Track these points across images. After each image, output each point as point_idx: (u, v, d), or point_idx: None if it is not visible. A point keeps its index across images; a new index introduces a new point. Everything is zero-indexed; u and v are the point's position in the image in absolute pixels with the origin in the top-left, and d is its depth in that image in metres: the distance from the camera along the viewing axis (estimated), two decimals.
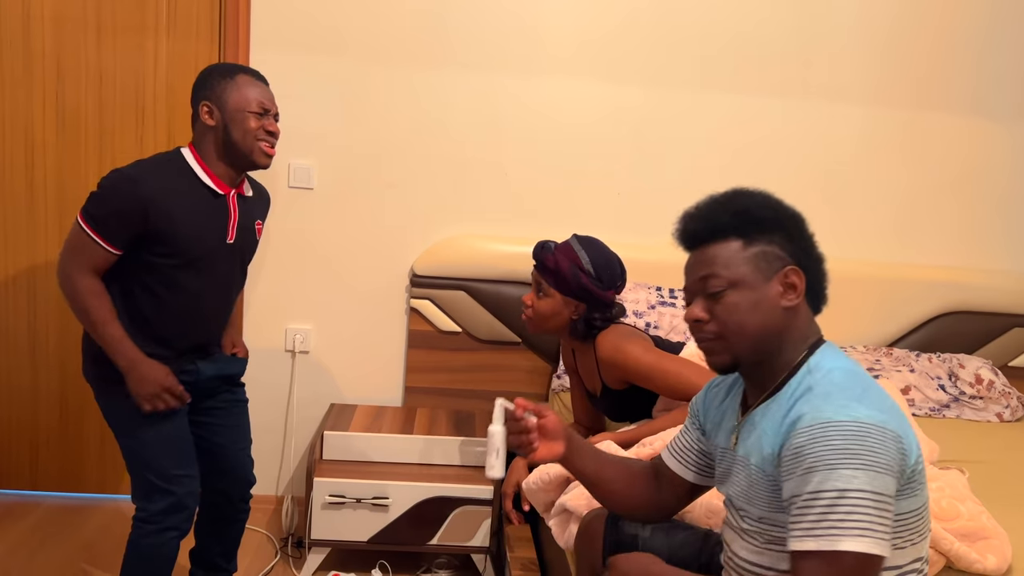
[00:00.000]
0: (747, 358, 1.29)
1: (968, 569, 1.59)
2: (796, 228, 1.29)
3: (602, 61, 2.85)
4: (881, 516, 1.10)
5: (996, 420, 2.74)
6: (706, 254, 1.29)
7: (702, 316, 1.28)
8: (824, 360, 1.25)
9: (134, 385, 1.90)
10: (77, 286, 1.86)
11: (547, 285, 2.09)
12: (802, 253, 1.28)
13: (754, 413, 1.29)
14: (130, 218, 1.84)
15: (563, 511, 1.86)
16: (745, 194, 1.31)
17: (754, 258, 1.26)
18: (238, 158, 1.97)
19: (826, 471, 1.11)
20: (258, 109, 1.96)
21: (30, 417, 2.93)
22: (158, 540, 1.97)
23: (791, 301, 1.26)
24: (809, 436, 1.14)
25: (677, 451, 1.49)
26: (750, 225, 1.27)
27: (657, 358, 2.01)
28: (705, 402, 1.47)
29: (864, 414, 1.13)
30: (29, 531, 2.76)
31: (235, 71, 1.98)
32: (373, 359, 2.98)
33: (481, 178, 2.89)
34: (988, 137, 3.00)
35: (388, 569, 2.64)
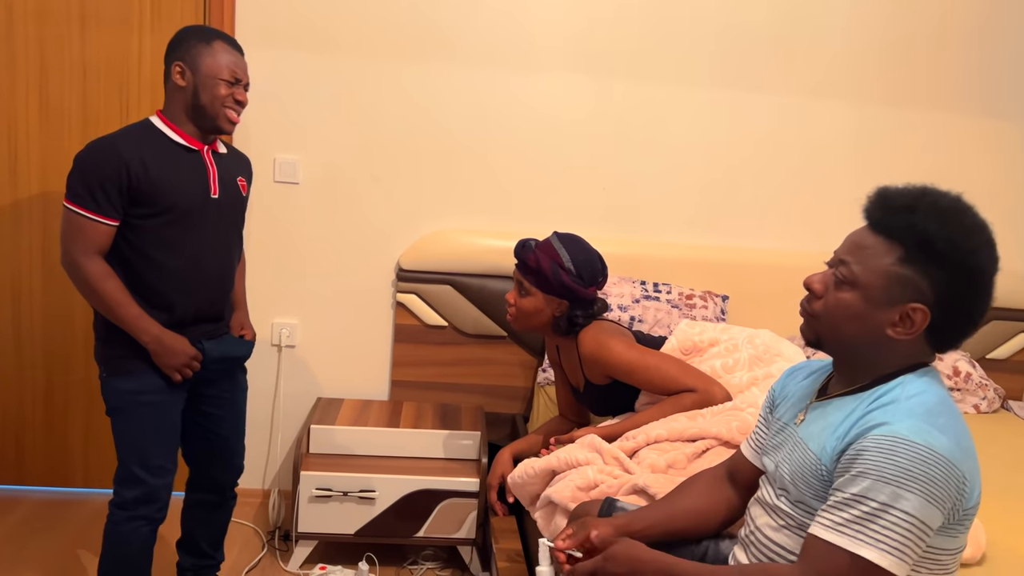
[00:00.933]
0: (832, 351, 1.29)
1: None
2: (968, 277, 1.19)
3: (588, 56, 2.86)
4: (914, 541, 1.12)
5: (973, 412, 2.79)
6: (864, 240, 1.24)
7: (816, 289, 1.27)
8: (921, 381, 1.21)
9: (162, 358, 1.96)
10: (87, 272, 1.88)
11: (529, 284, 2.12)
12: (951, 301, 1.19)
13: (830, 401, 1.29)
14: (115, 181, 1.86)
15: (548, 503, 1.89)
16: (950, 214, 1.20)
17: (895, 277, 1.20)
18: (204, 120, 2.00)
19: (881, 483, 1.12)
20: (230, 77, 1.98)
21: (15, 412, 2.92)
22: (129, 527, 2.01)
23: (899, 335, 1.21)
24: (878, 445, 1.14)
25: (756, 444, 1.48)
26: (920, 246, 1.18)
27: (639, 354, 2.04)
28: (785, 382, 1.46)
29: (940, 443, 1.12)
30: (15, 526, 2.76)
31: (212, 36, 2.00)
32: (359, 353, 2.99)
33: (467, 173, 2.91)
34: (960, 131, 3.04)
35: (375, 561, 2.66)
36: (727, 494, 1.51)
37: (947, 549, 1.20)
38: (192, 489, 2.28)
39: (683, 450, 1.85)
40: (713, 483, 1.52)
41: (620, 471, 1.86)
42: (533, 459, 2.02)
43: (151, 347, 1.94)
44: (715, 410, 1.96)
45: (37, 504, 2.91)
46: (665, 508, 1.49)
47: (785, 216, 3.04)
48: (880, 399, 1.21)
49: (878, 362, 1.25)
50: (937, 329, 1.21)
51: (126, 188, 1.88)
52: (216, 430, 2.20)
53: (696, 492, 1.51)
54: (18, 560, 2.57)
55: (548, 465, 1.95)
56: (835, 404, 1.27)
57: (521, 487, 2.02)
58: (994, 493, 2.03)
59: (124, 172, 1.87)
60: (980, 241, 1.19)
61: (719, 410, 1.95)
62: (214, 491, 2.26)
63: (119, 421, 2.00)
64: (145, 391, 1.98)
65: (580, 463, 1.90)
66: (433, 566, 2.70)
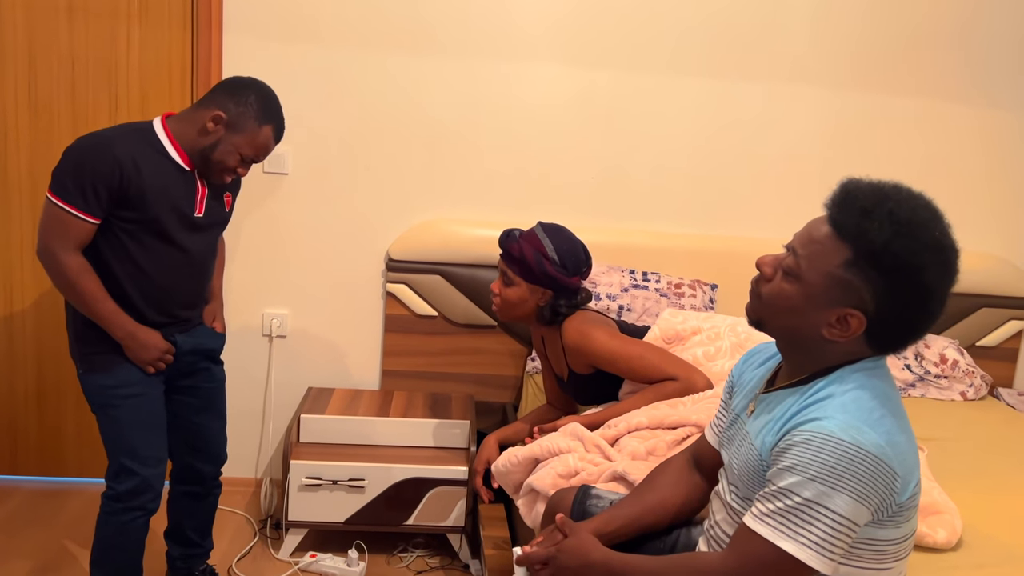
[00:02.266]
0: (774, 337, 1.29)
1: (919, 543, 1.64)
2: (912, 293, 1.16)
3: (575, 45, 2.86)
4: (837, 537, 1.13)
5: (960, 399, 2.80)
6: (818, 233, 1.21)
7: (766, 272, 1.27)
8: (859, 376, 1.21)
9: (136, 352, 1.97)
10: (65, 266, 1.87)
11: (513, 274, 2.13)
12: (891, 312, 1.17)
13: (774, 394, 1.29)
14: (107, 180, 1.84)
15: (530, 491, 1.90)
16: (905, 226, 1.15)
17: (837, 280, 1.18)
18: (201, 164, 1.98)
19: (806, 479, 1.13)
20: (251, 158, 2.00)
21: (8, 402, 2.94)
22: (124, 519, 2.02)
23: (834, 336, 1.20)
24: (806, 441, 1.14)
25: (718, 429, 1.48)
26: (868, 254, 1.16)
27: (621, 343, 2.05)
28: (742, 367, 1.46)
29: (868, 441, 1.12)
30: (9, 515, 2.79)
31: (269, 119, 1.98)
32: (350, 343, 3.01)
33: (456, 163, 2.91)
34: (953, 120, 3.04)
35: (364, 549, 2.68)
36: (695, 480, 1.52)
37: (890, 539, 1.21)
38: (176, 481, 2.29)
39: (663, 437, 1.86)
40: (679, 472, 1.53)
41: (601, 458, 1.87)
42: (516, 447, 2.03)
43: (124, 342, 1.95)
44: (696, 398, 1.97)
45: (31, 494, 2.93)
46: (636, 505, 1.50)
47: (774, 204, 3.04)
48: (816, 394, 1.21)
49: (817, 356, 1.24)
50: (875, 336, 1.20)
51: (116, 190, 1.86)
52: (193, 420, 2.21)
53: (663, 484, 1.52)
54: (11, 549, 2.59)
55: (531, 453, 1.97)
56: (778, 397, 1.28)
57: (505, 475, 2.04)
58: (974, 479, 2.06)
59: (118, 173, 1.85)
60: (931, 259, 1.15)
61: (700, 398, 1.96)
62: (197, 482, 2.28)
63: (103, 417, 2.01)
64: (124, 385, 1.99)
65: (562, 451, 1.92)
66: (422, 554, 2.72)
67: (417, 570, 2.64)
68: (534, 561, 1.40)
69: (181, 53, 2.76)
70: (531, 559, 1.41)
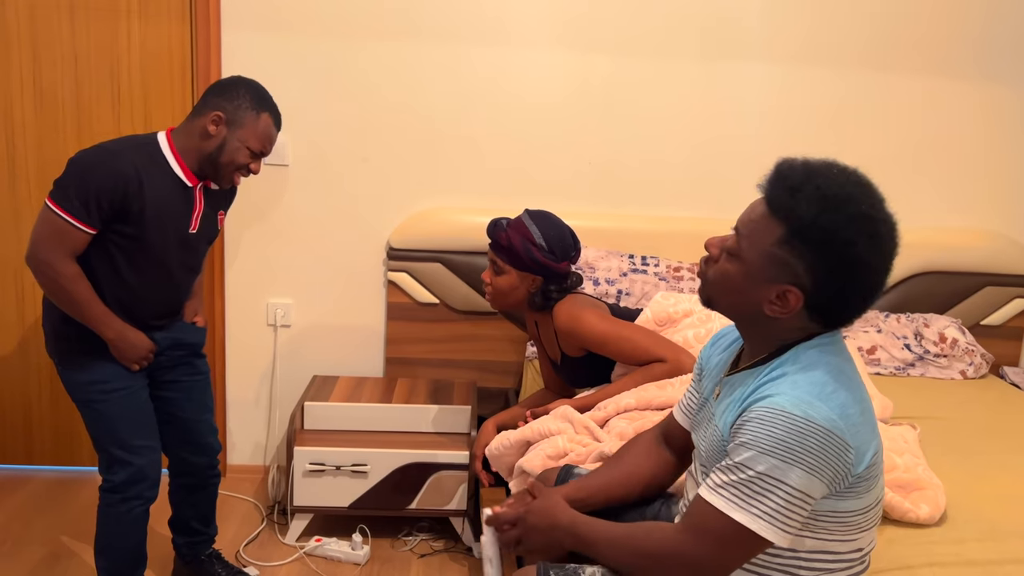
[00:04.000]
0: (725, 315, 1.32)
1: (902, 518, 1.65)
2: (844, 266, 1.18)
3: (572, 32, 2.87)
4: (790, 509, 1.16)
5: (960, 377, 2.79)
6: (756, 213, 1.24)
7: (713, 253, 1.30)
8: (813, 352, 1.23)
9: (124, 352, 2.00)
10: (59, 273, 1.89)
11: (502, 262, 2.15)
12: (827, 286, 1.19)
13: (737, 376, 1.32)
14: (110, 194, 1.85)
15: (522, 473, 1.93)
16: (831, 201, 1.18)
17: (773, 258, 1.21)
18: (211, 170, 2.00)
19: (759, 454, 1.16)
20: (258, 149, 2.00)
21: (22, 393, 3.01)
22: (123, 509, 2.06)
23: (775, 313, 1.23)
24: (759, 417, 1.17)
25: (686, 407, 1.51)
26: (798, 231, 1.19)
27: (611, 325, 2.07)
28: (710, 348, 1.49)
29: (819, 414, 1.15)
30: (24, 503, 2.86)
31: (263, 106, 2.00)
32: (353, 331, 3.05)
33: (454, 151, 2.93)
34: (953, 97, 3.01)
35: (368, 533, 2.72)
36: (663, 455, 1.54)
37: (853, 511, 1.23)
38: (173, 474, 2.33)
39: (652, 418, 1.88)
40: (648, 446, 1.55)
41: (590, 440, 1.90)
42: (509, 431, 2.07)
43: (114, 343, 1.98)
44: (684, 379, 1.99)
45: (45, 483, 3.00)
46: (605, 476, 1.53)
47: None
48: (772, 372, 1.24)
49: (770, 334, 1.27)
50: (816, 310, 1.23)
51: (118, 204, 1.87)
52: (178, 414, 2.22)
53: (633, 457, 1.54)
54: (26, 536, 2.66)
55: (523, 436, 2.00)
56: (740, 378, 1.30)
57: (498, 458, 2.07)
58: (966, 457, 2.06)
59: (121, 189, 1.86)
60: (859, 231, 1.17)
61: (688, 379, 1.98)
62: (192, 474, 2.30)
63: (87, 412, 2.04)
64: (106, 379, 2.01)
65: (553, 433, 1.95)
66: (426, 537, 2.76)
67: (420, 553, 2.68)
68: (503, 521, 1.43)
69: (181, 47, 2.80)
70: (500, 519, 1.44)
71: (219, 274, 2.94)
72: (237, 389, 3.06)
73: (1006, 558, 1.57)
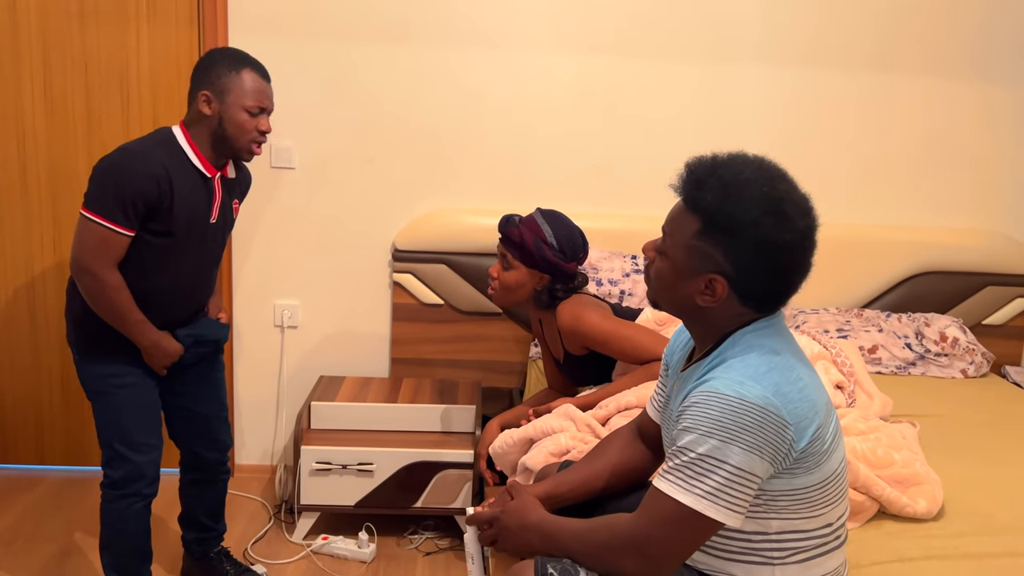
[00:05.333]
0: (669, 313, 1.37)
1: (900, 513, 1.68)
2: (755, 248, 1.23)
3: (575, 33, 2.90)
4: (732, 487, 1.19)
5: (960, 376, 2.81)
6: (676, 211, 1.31)
7: (648, 255, 1.37)
8: (750, 336, 1.28)
9: (157, 359, 2.05)
10: (105, 284, 1.91)
11: (512, 258, 2.18)
12: (747, 270, 1.24)
13: (689, 371, 1.36)
14: (146, 196, 1.88)
15: (524, 470, 1.96)
16: (732, 188, 1.24)
17: (694, 250, 1.26)
18: (226, 149, 2.01)
19: (698, 435, 1.20)
20: (255, 107, 1.99)
21: (33, 394, 3.05)
22: (122, 505, 2.09)
23: (707, 303, 1.28)
24: (697, 400, 1.23)
25: (656, 402, 1.56)
26: (709, 221, 1.25)
27: (613, 324, 2.10)
28: (673, 346, 1.53)
29: (753, 393, 1.19)
30: (36, 502, 2.90)
31: (241, 64, 1.99)
32: (359, 332, 3.08)
33: (458, 153, 2.97)
34: (953, 97, 3.03)
35: (374, 531, 2.75)
36: (640, 449, 1.58)
37: (808, 486, 1.26)
38: (184, 469, 2.36)
39: None
40: (626, 440, 1.60)
41: (592, 437, 1.93)
42: (512, 429, 2.10)
43: (149, 351, 2.02)
44: None
45: (57, 482, 3.04)
46: (585, 470, 1.57)
47: None
48: (714, 360, 1.29)
49: (709, 326, 1.32)
50: (744, 295, 1.27)
51: (153, 204, 1.90)
52: (194, 408, 2.26)
53: (612, 451, 1.58)
54: (38, 534, 2.70)
55: (526, 434, 2.03)
56: (691, 372, 1.35)
57: (502, 456, 2.10)
58: (966, 454, 2.08)
59: (155, 189, 1.88)
60: (762, 212, 1.22)
61: None
62: (203, 469, 2.33)
63: (99, 403, 2.07)
64: (121, 373, 2.05)
65: (555, 431, 1.98)
66: (431, 535, 2.79)
67: (426, 551, 2.71)
68: (481, 521, 1.47)
69: (189, 51, 2.84)
70: (478, 519, 1.48)
71: (227, 276, 2.98)
72: (245, 389, 3.10)
73: (1003, 551, 1.59)
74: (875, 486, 1.66)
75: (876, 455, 1.72)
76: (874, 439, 1.76)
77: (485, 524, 1.46)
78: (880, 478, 1.67)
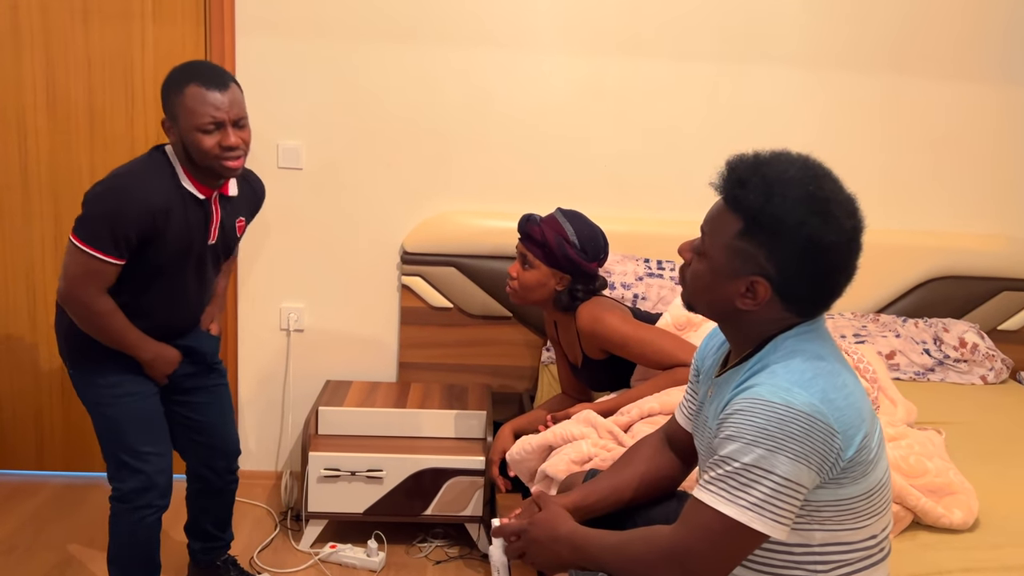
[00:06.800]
0: (706, 316, 1.32)
1: (935, 524, 1.63)
2: (802, 249, 1.18)
3: (586, 34, 2.86)
4: (779, 499, 1.14)
5: (980, 383, 2.77)
6: (716, 210, 1.27)
7: (685, 257, 1.32)
8: (792, 340, 1.23)
9: (159, 368, 2.02)
10: (96, 310, 1.88)
11: (533, 257, 2.13)
12: (792, 272, 1.20)
13: (724, 376, 1.32)
14: (139, 227, 1.82)
15: (545, 478, 1.91)
16: (777, 187, 1.19)
17: (735, 250, 1.22)
18: (203, 171, 1.91)
19: (742, 444, 1.15)
20: (210, 124, 1.82)
21: (34, 401, 2.99)
22: (134, 518, 2.02)
23: (747, 306, 1.24)
24: (740, 408, 1.18)
25: (686, 408, 1.51)
26: (752, 221, 1.20)
27: (634, 328, 2.06)
28: (704, 349, 1.48)
29: (800, 400, 1.14)
30: (36, 509, 2.84)
31: (184, 81, 1.83)
32: (367, 336, 3.03)
33: (468, 154, 2.92)
34: (972, 100, 3.00)
35: (384, 539, 2.70)
36: (669, 457, 1.53)
37: (855, 496, 1.21)
38: (191, 478, 2.30)
39: None
40: (655, 448, 1.55)
41: (614, 444, 1.88)
42: (530, 435, 2.05)
43: (152, 364, 1.99)
44: None
45: (58, 489, 2.98)
46: (614, 479, 1.52)
47: None
48: (755, 366, 1.24)
49: (748, 330, 1.27)
50: (787, 298, 1.23)
51: (146, 235, 1.85)
52: (198, 418, 2.20)
53: (640, 459, 1.53)
54: (38, 542, 2.64)
55: (545, 441, 1.98)
56: (727, 378, 1.30)
57: (519, 463, 2.05)
58: (992, 462, 2.04)
59: (151, 223, 1.83)
60: (807, 212, 1.18)
61: None
62: (211, 478, 2.28)
63: (98, 416, 2.01)
64: (118, 383, 1.99)
65: (575, 437, 1.93)
66: (441, 543, 2.74)
67: (436, 560, 2.66)
68: (508, 533, 1.43)
69: (195, 52, 2.79)
70: (505, 531, 1.43)
71: (232, 278, 2.93)
72: (249, 393, 3.04)
73: None
74: (910, 496, 1.61)
75: (908, 463, 1.68)
76: (905, 446, 1.72)
77: (512, 536, 1.41)
78: (914, 487, 1.63)
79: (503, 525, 1.44)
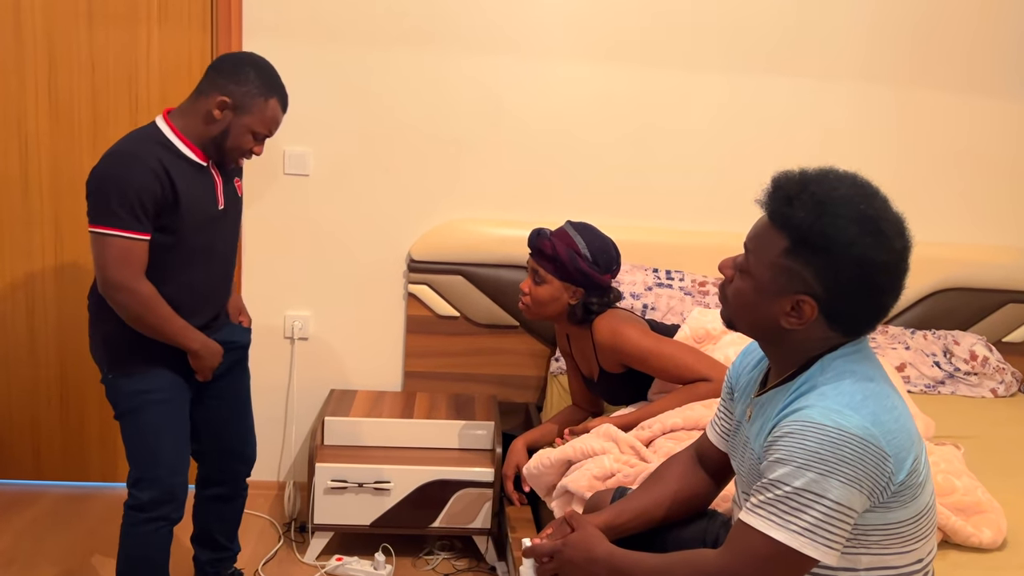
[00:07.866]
0: (749, 335, 1.30)
1: (964, 543, 1.62)
2: (851, 269, 1.16)
3: (596, 43, 2.84)
4: (830, 523, 1.13)
5: (991, 396, 2.77)
6: (761, 228, 1.25)
7: (727, 274, 1.30)
8: (840, 361, 1.21)
9: (206, 360, 1.97)
10: (141, 296, 1.84)
11: (545, 272, 2.11)
12: (840, 292, 1.18)
13: (767, 396, 1.29)
14: (151, 193, 1.80)
15: (565, 493, 1.89)
16: (827, 206, 1.17)
17: (781, 269, 1.20)
18: (214, 154, 1.95)
19: (793, 467, 1.13)
20: (264, 134, 1.96)
21: (31, 409, 2.94)
22: (148, 529, 1.98)
23: (792, 325, 1.22)
24: (791, 431, 1.15)
25: (718, 426, 1.48)
26: (800, 240, 1.18)
27: (654, 341, 2.04)
28: (739, 367, 1.46)
29: (852, 424, 1.12)
30: (34, 520, 2.79)
31: (273, 91, 1.95)
32: (372, 345, 2.99)
33: (477, 163, 2.90)
34: (981, 113, 3.00)
35: (391, 552, 2.67)
36: (701, 475, 1.51)
37: (903, 520, 1.20)
38: (204, 485, 2.27)
39: None
40: (686, 466, 1.53)
41: (637, 460, 1.85)
42: (548, 449, 2.02)
43: (199, 353, 1.95)
44: None
45: (55, 499, 2.93)
46: (644, 498, 1.50)
47: None
48: (801, 387, 1.22)
49: (792, 349, 1.25)
50: (833, 318, 1.21)
51: (159, 201, 1.82)
52: (224, 420, 2.19)
53: (672, 477, 1.51)
54: (37, 554, 2.59)
55: (564, 455, 1.95)
56: (770, 397, 1.28)
57: (537, 478, 2.02)
58: (1010, 478, 2.03)
59: (157, 184, 1.81)
60: (858, 231, 1.16)
61: None
62: (227, 483, 2.25)
63: (130, 423, 1.97)
64: (155, 388, 1.96)
65: (596, 452, 1.90)
66: (449, 556, 2.70)
67: (443, 573, 2.62)
68: (541, 554, 1.40)
69: (201, 55, 2.75)
70: (537, 551, 1.41)
71: (236, 284, 2.88)
72: (253, 402, 2.97)
73: None
74: (939, 514, 1.60)
75: (936, 481, 1.66)
76: (932, 463, 1.70)
77: (545, 557, 1.38)
78: (944, 506, 1.62)
79: (535, 545, 1.41)
